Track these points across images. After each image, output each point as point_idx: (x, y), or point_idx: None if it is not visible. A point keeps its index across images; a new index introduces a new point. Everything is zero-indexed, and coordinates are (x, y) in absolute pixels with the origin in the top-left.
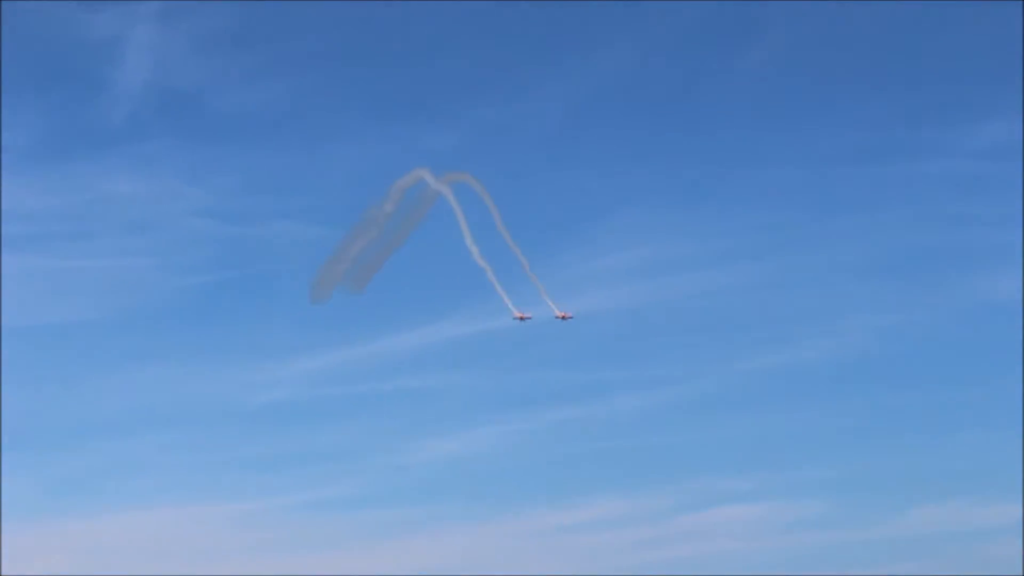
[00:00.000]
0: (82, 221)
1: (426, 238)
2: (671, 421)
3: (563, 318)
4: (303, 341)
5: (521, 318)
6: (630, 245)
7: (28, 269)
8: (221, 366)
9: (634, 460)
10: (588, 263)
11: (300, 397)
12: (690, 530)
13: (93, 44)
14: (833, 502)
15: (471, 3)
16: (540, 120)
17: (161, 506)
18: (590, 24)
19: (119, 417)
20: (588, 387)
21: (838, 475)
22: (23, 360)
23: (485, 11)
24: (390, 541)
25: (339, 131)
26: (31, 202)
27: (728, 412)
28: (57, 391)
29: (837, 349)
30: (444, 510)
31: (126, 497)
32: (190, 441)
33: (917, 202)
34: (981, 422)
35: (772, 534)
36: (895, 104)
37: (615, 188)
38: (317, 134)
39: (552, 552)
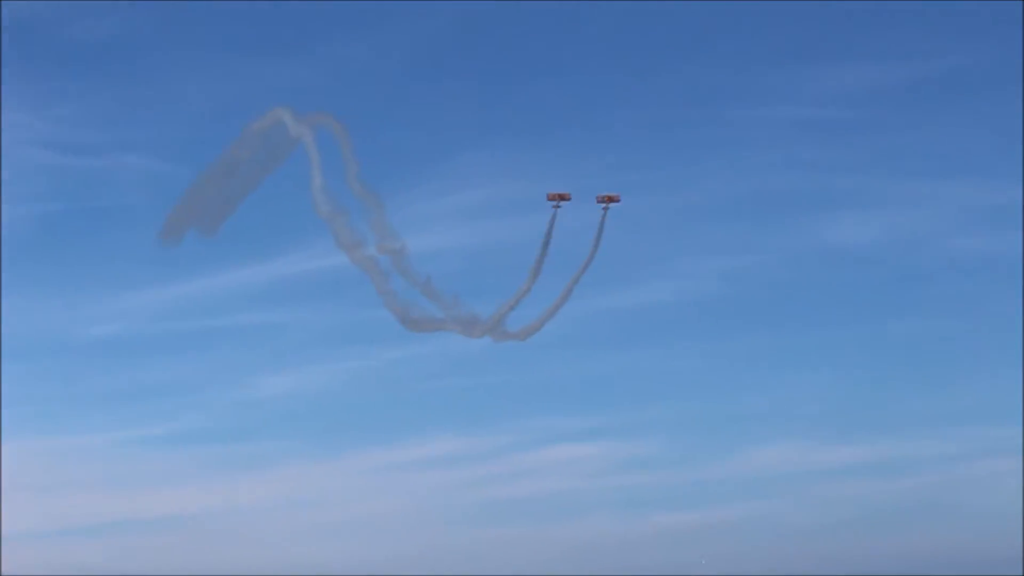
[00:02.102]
0: None
1: (278, 179)
2: (508, 360)
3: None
4: (143, 276)
5: (559, 198)
6: (475, 185)
7: None
8: (60, 298)
9: (470, 399)
10: (434, 201)
11: (139, 331)
12: (525, 469)
13: None
14: (670, 442)
15: None
16: (393, 56)
17: None
18: None
19: None
20: None
21: (676, 415)
22: None
23: None
24: (224, 476)
25: (188, 65)
26: None
27: (567, 351)
28: None
29: (680, 291)
30: (279, 446)
31: None
32: (28, 373)
33: (764, 146)
34: (824, 364)
35: (607, 474)
36: (745, 47)
37: (465, 126)
38: (165, 67)
39: (386, 490)
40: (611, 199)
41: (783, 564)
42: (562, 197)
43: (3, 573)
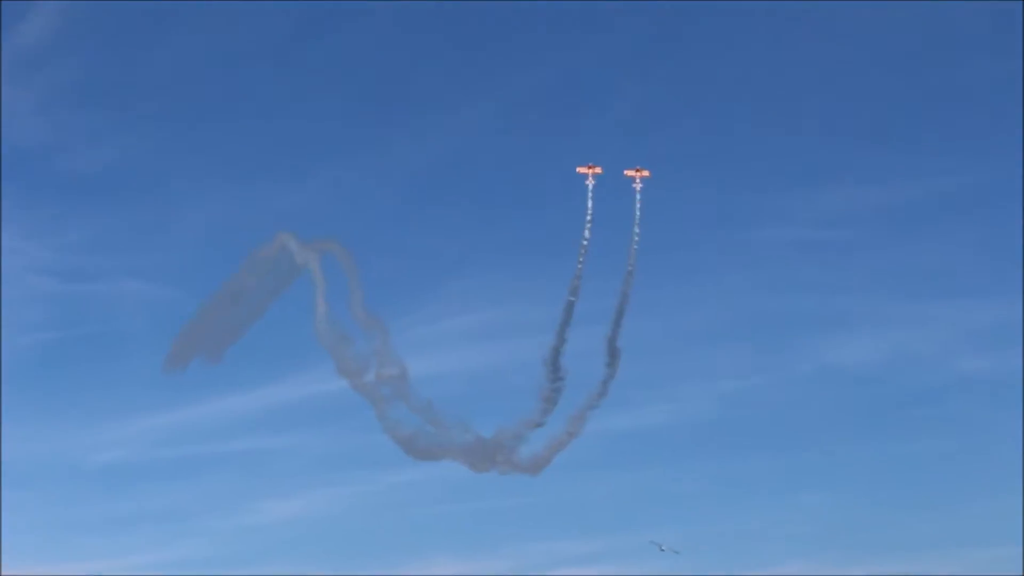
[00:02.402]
0: None
1: (282, 303)
2: (508, 484)
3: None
4: (145, 402)
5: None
6: (475, 308)
7: None
8: (61, 425)
9: (472, 523)
10: (434, 324)
11: (141, 457)
12: None
13: None
14: (672, 565)
15: (320, 63)
16: (392, 180)
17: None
18: (440, 89)
19: None
20: None
21: (677, 539)
22: None
23: (334, 72)
24: None
25: (187, 190)
26: None
27: (567, 475)
28: None
29: (680, 413)
30: (282, 572)
31: None
32: (30, 501)
33: (756, 268)
34: (825, 485)
35: None
36: (743, 170)
37: (462, 249)
38: (164, 193)
39: None
40: (640, 172)
41: None
42: (591, 169)
43: None
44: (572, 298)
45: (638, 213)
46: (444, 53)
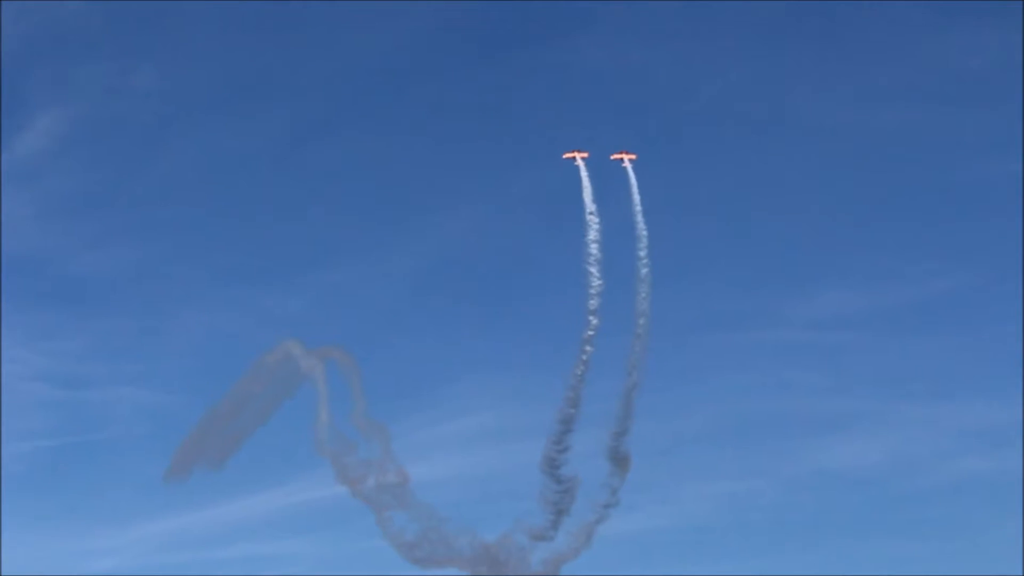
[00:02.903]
0: None
1: (283, 409)
2: None
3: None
4: (144, 509)
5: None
6: (476, 410)
7: None
8: (60, 533)
9: None
10: (435, 428)
11: (141, 564)
12: None
13: None
14: None
15: (316, 168)
16: (385, 285)
17: None
18: (434, 190)
19: None
20: None
21: None
22: None
23: (325, 177)
24: None
25: (181, 297)
26: None
27: None
28: None
29: (677, 516)
30: None
31: None
32: None
33: (758, 370)
34: None
35: None
36: (727, 274)
37: (460, 353)
38: (159, 300)
39: None
40: (626, 155)
41: None
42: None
43: None
44: (571, 409)
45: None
46: (440, 153)
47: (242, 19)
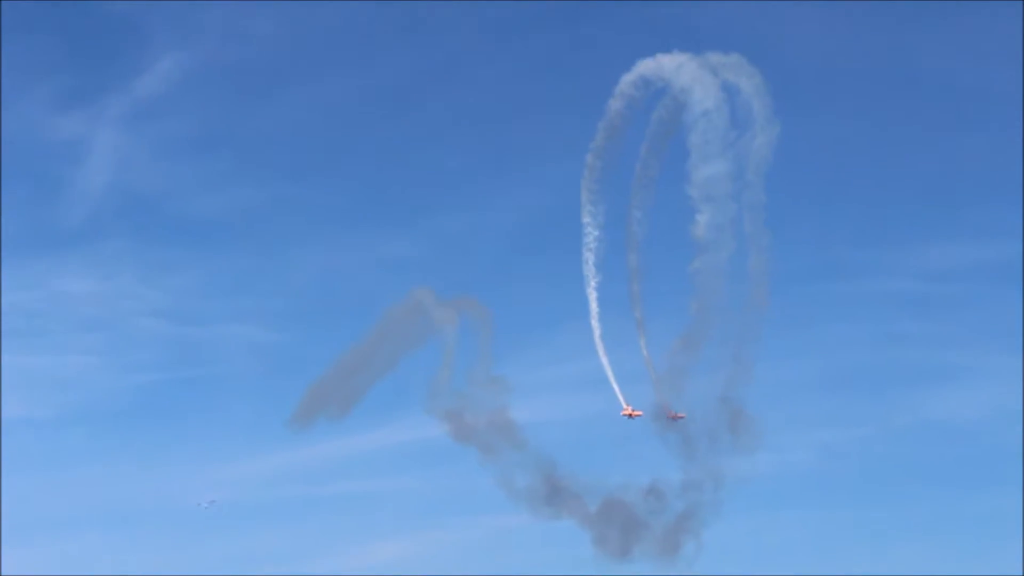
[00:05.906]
0: (35, 318)
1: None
2: None
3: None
4: (250, 444)
5: (630, 415)
6: (579, 355)
7: None
8: (168, 466)
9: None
10: (543, 370)
11: (247, 499)
12: None
13: (58, 145)
14: None
15: (427, 113)
16: (496, 229)
17: None
18: (541, 139)
19: (64, 516)
20: None
21: None
22: None
23: (440, 124)
24: None
25: (295, 238)
26: None
27: None
28: (5, 487)
29: (779, 463)
30: None
31: None
32: (136, 541)
33: (866, 320)
34: (920, 536)
35: None
36: (842, 223)
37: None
38: (272, 240)
39: None
40: (677, 416)
41: None
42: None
43: None
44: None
45: None
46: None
47: None
